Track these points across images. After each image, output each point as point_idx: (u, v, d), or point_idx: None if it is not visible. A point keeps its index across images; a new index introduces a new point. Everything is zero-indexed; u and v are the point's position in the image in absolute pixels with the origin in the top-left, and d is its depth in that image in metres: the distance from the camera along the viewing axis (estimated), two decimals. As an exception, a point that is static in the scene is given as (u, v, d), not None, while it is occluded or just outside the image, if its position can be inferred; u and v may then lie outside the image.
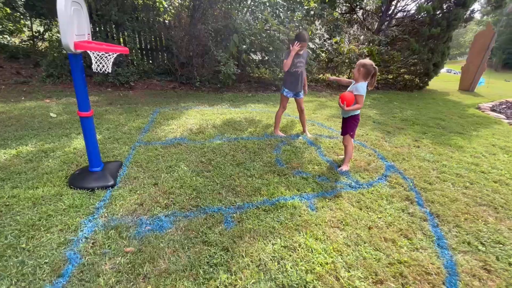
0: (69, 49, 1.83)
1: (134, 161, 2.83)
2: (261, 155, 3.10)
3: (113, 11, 6.18)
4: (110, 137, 3.42)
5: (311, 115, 4.87)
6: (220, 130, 3.86)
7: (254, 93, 6.80)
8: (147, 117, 4.35)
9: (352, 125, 2.77)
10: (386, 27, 8.22)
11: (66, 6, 1.75)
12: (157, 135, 3.59)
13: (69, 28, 1.79)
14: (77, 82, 2.12)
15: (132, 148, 3.16)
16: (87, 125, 2.29)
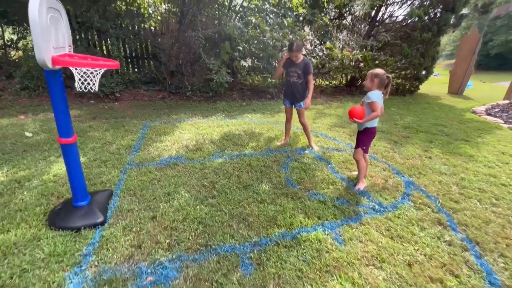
0: (46, 66, 1.48)
1: (126, 189, 2.47)
2: (268, 174, 2.82)
3: (94, 18, 5.76)
4: (96, 159, 3.03)
5: (312, 125, 4.65)
6: (219, 146, 3.54)
7: (248, 101, 6.53)
8: (137, 132, 3.97)
9: (365, 139, 2.55)
10: (377, 32, 8.22)
11: (41, 14, 1.41)
12: (150, 154, 3.23)
13: (45, 40, 1.45)
14: (56, 103, 1.76)
15: (122, 172, 2.79)
16: (69, 153, 1.92)
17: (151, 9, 8.52)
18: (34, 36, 1.39)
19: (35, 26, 1.38)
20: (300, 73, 3.27)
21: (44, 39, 1.44)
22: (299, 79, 3.30)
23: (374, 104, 2.37)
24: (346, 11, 9.18)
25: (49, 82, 1.69)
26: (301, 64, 3.26)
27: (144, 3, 8.40)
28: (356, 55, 6.83)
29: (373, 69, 2.46)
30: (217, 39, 6.75)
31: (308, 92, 3.34)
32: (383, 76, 2.38)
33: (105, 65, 1.70)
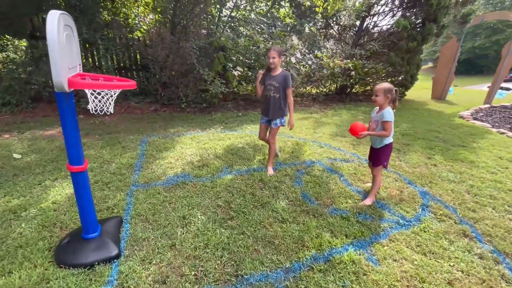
0: (63, 89, 1.33)
1: (137, 214, 2.29)
2: (283, 190, 2.73)
3: (82, 29, 5.51)
4: (97, 181, 2.82)
5: (313, 134, 4.64)
6: (226, 160, 3.43)
7: (244, 111, 6.46)
8: (135, 149, 3.77)
9: (387, 156, 2.50)
10: (363, 41, 8.50)
11: (59, 32, 1.27)
12: (154, 173, 3.05)
13: (63, 60, 1.31)
14: (69, 128, 1.59)
15: (128, 194, 2.60)
16: (80, 182, 1.75)
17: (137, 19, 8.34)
18: (53, 57, 1.25)
19: (54, 46, 1.24)
20: (278, 86, 2.85)
21: (62, 60, 1.30)
22: (277, 93, 2.88)
23: (388, 124, 2.34)
24: (333, 21, 9.45)
25: (61, 106, 1.53)
26: (279, 76, 2.84)
27: (131, 14, 8.22)
28: (347, 64, 6.99)
29: (381, 84, 2.35)
30: (210, 50, 6.68)
31: (288, 110, 2.97)
32: (394, 92, 2.35)
33: (122, 86, 1.57)
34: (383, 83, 2.38)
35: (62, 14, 1.34)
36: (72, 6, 5.49)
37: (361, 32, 8.81)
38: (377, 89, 2.34)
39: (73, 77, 1.48)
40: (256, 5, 10.09)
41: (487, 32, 35.62)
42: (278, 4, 10.33)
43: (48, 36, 1.23)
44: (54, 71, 1.28)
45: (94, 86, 1.47)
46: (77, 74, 1.62)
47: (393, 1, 8.38)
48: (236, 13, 9.24)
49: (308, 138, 4.42)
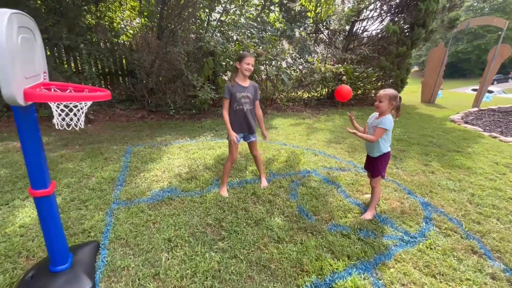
0: (15, 102, 1.11)
1: (116, 237, 2.06)
2: (278, 204, 2.55)
3: (63, 32, 5.22)
4: (74, 198, 2.56)
5: (306, 141, 4.49)
6: (216, 172, 3.22)
7: (235, 118, 6.27)
8: (119, 161, 3.52)
9: (384, 165, 2.35)
10: (354, 46, 8.50)
11: (10, 35, 1.06)
12: (138, 188, 2.81)
13: (16, 69, 1.09)
14: (28, 147, 1.37)
15: (108, 213, 2.36)
16: (46, 208, 1.51)
17: (123, 23, 8.08)
18: (1, 65, 1.03)
19: (2, 51, 1.02)
20: (252, 98, 2.63)
21: (14, 68, 1.08)
22: (251, 105, 2.65)
23: (381, 130, 2.18)
24: (323, 26, 9.45)
25: (19, 121, 1.31)
26: (250, 87, 2.62)
27: (116, 18, 7.95)
28: (338, 68, 6.94)
29: (386, 90, 2.20)
30: (199, 55, 6.49)
31: (259, 121, 2.79)
32: (399, 100, 2.20)
33: (93, 97, 1.36)
34: (387, 89, 2.22)
35: (16, 14, 1.12)
36: (51, 9, 5.20)
37: (351, 37, 8.82)
38: (382, 95, 2.18)
39: (33, 88, 1.26)
40: (245, 9, 10.01)
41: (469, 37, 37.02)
42: (268, 9, 10.28)
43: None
44: (3, 83, 1.06)
45: (58, 99, 1.25)
46: (39, 83, 1.40)
47: (381, 7, 8.45)
48: (225, 17, 9.12)
49: (302, 146, 4.26)
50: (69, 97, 1.28)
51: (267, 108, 7.09)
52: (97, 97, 1.36)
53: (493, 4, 38.87)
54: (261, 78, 7.77)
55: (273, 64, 7.47)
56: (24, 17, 1.23)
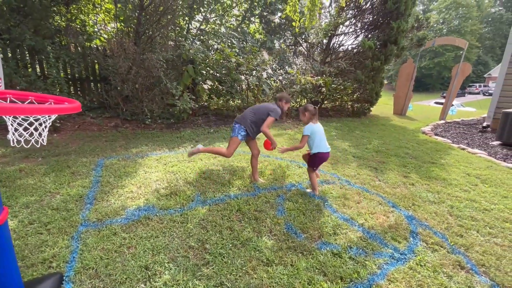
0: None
1: (83, 267, 1.80)
2: (265, 221, 2.43)
3: (26, 34, 4.79)
4: (33, 221, 2.24)
5: (289, 153, 4.45)
6: (198, 187, 3.03)
7: (216, 127, 6.11)
8: (88, 175, 3.20)
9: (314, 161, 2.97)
10: (332, 59, 8.80)
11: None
12: (110, 206, 2.55)
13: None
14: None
15: (74, 238, 2.08)
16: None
17: (97, 27, 7.67)
18: None
19: None
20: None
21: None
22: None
23: (303, 137, 2.94)
24: (301, 39, 9.70)
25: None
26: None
27: (89, 21, 7.53)
28: (318, 80, 7.10)
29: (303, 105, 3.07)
30: (178, 63, 6.30)
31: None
32: (312, 109, 2.93)
33: (59, 110, 1.17)
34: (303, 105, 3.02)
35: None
36: (13, 9, 4.77)
37: (328, 50, 9.14)
38: (299, 109, 3.02)
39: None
40: (226, 19, 10.02)
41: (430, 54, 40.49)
42: (248, 20, 10.39)
43: None
44: None
45: (12, 111, 1.05)
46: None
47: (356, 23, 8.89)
48: (205, 26, 9.04)
49: (286, 158, 4.21)
50: (28, 110, 1.08)
51: (248, 118, 7.00)
52: (64, 109, 1.17)
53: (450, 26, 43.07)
54: (241, 88, 7.72)
55: (254, 74, 7.48)
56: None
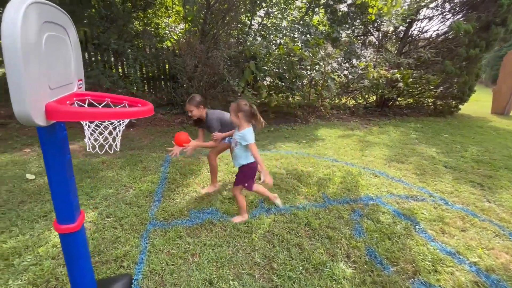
0: (31, 122, 0.82)
1: (151, 270, 1.75)
2: (340, 242, 2.05)
3: (112, 38, 5.34)
4: (110, 214, 2.35)
5: (361, 158, 3.89)
6: (261, 191, 2.82)
7: (276, 126, 5.87)
8: (157, 171, 3.31)
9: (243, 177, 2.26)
10: (411, 49, 7.59)
11: (27, 32, 0.76)
12: (176, 205, 2.53)
13: (31, 77, 0.80)
14: (53, 173, 1.09)
15: (144, 236, 2.09)
16: (72, 245, 1.23)
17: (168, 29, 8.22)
18: (11, 74, 0.74)
19: (14, 54, 0.73)
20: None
21: (31, 76, 0.79)
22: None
23: (250, 146, 2.13)
24: (373, 27, 8.65)
25: (41, 140, 1.04)
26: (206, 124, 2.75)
27: (162, 23, 8.11)
28: (394, 74, 6.16)
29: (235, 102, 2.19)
30: (240, 59, 6.25)
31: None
32: (246, 108, 2.14)
33: (132, 113, 1.04)
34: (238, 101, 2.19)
35: (39, 5, 0.83)
36: (102, 16, 5.36)
37: (406, 39, 7.90)
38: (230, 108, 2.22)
39: (60, 101, 0.98)
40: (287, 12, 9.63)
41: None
42: (312, 11, 9.78)
43: (4, 37, 0.72)
44: (15, 97, 0.76)
45: (89, 116, 0.95)
46: (71, 94, 1.13)
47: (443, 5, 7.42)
48: (266, 21, 8.84)
49: (357, 163, 3.68)
50: (104, 115, 0.96)
51: (309, 116, 6.56)
52: (137, 113, 1.04)
53: None
54: (302, 84, 7.30)
55: (317, 68, 6.95)
56: (53, 10, 0.95)
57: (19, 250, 1.88)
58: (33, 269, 1.73)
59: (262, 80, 6.64)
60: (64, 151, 1.10)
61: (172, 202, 2.61)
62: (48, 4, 0.89)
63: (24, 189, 2.69)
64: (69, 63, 1.13)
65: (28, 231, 2.07)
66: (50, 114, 0.88)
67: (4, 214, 2.28)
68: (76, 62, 1.20)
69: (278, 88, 7.13)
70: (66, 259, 1.29)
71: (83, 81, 1.29)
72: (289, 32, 7.16)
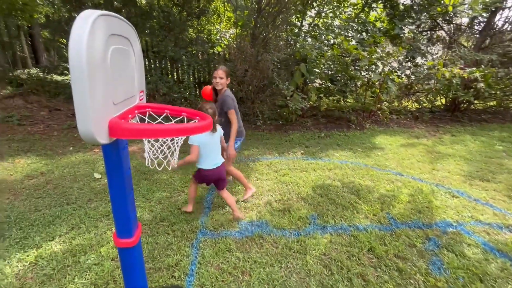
0: (95, 141, 0.78)
1: (201, 285, 1.69)
2: (414, 278, 1.72)
3: (169, 46, 5.68)
4: (164, 219, 2.40)
5: (432, 172, 3.35)
6: (314, 206, 2.60)
7: (326, 131, 5.52)
8: (207, 176, 3.32)
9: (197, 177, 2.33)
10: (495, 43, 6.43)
11: (94, 46, 0.72)
12: (225, 215, 2.47)
13: (96, 94, 0.75)
14: (114, 188, 1.07)
15: (194, 245, 2.06)
16: (128, 259, 1.21)
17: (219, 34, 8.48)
18: (76, 93, 0.69)
19: (81, 71, 0.68)
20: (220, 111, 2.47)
21: (97, 94, 0.74)
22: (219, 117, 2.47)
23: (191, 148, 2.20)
24: (443, 21, 7.60)
25: (105, 153, 1.02)
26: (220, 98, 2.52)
27: (214, 30, 8.41)
28: (473, 73, 5.24)
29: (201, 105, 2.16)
30: (291, 62, 6.06)
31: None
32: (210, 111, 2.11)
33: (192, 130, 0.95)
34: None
35: (107, 17, 0.79)
36: (161, 26, 5.74)
37: (488, 32, 6.72)
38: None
39: (123, 115, 0.94)
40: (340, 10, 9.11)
41: None
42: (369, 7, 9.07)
43: (70, 55, 0.67)
44: (78, 114, 0.72)
45: (151, 134, 0.88)
46: (133, 107, 1.10)
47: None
48: (318, 21, 8.48)
49: (427, 179, 3.17)
50: (164, 132, 0.89)
51: (364, 121, 6.02)
52: (196, 129, 0.95)
53: None
54: (356, 86, 6.77)
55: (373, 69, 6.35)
56: (119, 22, 0.91)
57: (84, 248, 2.01)
58: (95, 268, 1.82)
59: (312, 82, 6.35)
60: (125, 166, 1.07)
61: (221, 210, 2.56)
62: (115, 16, 0.85)
63: (92, 188, 2.95)
64: (133, 75, 1.10)
65: (93, 230, 2.22)
66: (112, 131, 0.83)
67: (75, 210, 2.50)
68: (139, 73, 1.18)
69: (329, 91, 6.74)
70: (123, 269, 1.28)
71: (144, 92, 1.27)
72: (342, 31, 6.71)
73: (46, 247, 2.00)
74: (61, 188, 2.87)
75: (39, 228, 2.21)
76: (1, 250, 1.96)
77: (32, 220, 2.30)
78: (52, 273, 1.77)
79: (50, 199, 2.65)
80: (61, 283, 1.70)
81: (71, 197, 2.72)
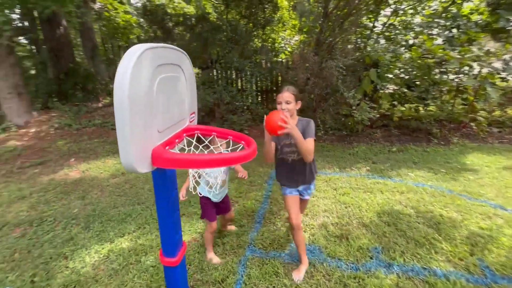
0: (135, 171, 0.79)
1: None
2: None
3: (235, 57, 5.95)
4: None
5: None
6: (378, 236, 2.25)
7: (399, 145, 4.83)
8: (262, 187, 3.29)
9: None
10: None
11: (138, 80, 0.73)
12: (276, 232, 2.37)
13: (137, 126, 0.76)
14: (162, 210, 1.10)
15: (241, 263, 2.02)
16: (171, 277, 1.24)
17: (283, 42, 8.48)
18: (118, 126, 0.71)
19: (121, 110, 0.70)
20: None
21: (139, 129, 0.75)
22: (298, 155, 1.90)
23: None
24: None
25: (154, 177, 1.05)
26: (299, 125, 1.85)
27: (278, 38, 8.46)
28: None
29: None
30: (359, 67, 5.57)
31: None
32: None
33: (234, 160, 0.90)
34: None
35: (154, 50, 0.80)
36: (229, 38, 6.06)
37: None
38: None
39: (168, 142, 0.94)
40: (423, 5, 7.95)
41: None
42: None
43: (115, 88, 0.69)
44: (120, 145, 0.74)
45: (190, 164, 0.87)
46: (182, 130, 1.11)
47: None
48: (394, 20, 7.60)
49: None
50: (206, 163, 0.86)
51: (451, 135, 5.04)
52: (239, 158, 0.90)
53: None
54: (440, 92, 5.75)
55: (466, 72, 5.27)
56: (168, 51, 0.92)
57: (146, 248, 2.20)
58: (151, 271, 1.96)
59: (383, 89, 5.68)
60: (171, 187, 1.09)
61: (272, 227, 2.47)
62: (162, 47, 0.86)
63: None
64: (183, 99, 1.12)
65: (155, 231, 2.43)
66: (155, 161, 0.84)
67: (143, 210, 2.79)
68: (191, 96, 1.20)
69: (405, 98, 5.92)
70: (167, 284, 1.32)
71: (195, 113, 1.29)
72: (425, 29, 5.82)
73: (117, 242, 2.28)
74: (135, 189, 3.27)
75: (115, 224, 2.54)
76: (85, 240, 2.32)
77: (111, 216, 2.67)
78: (118, 268, 1.99)
79: (126, 198, 3.04)
80: (124, 280, 1.88)
81: (141, 197, 3.06)
